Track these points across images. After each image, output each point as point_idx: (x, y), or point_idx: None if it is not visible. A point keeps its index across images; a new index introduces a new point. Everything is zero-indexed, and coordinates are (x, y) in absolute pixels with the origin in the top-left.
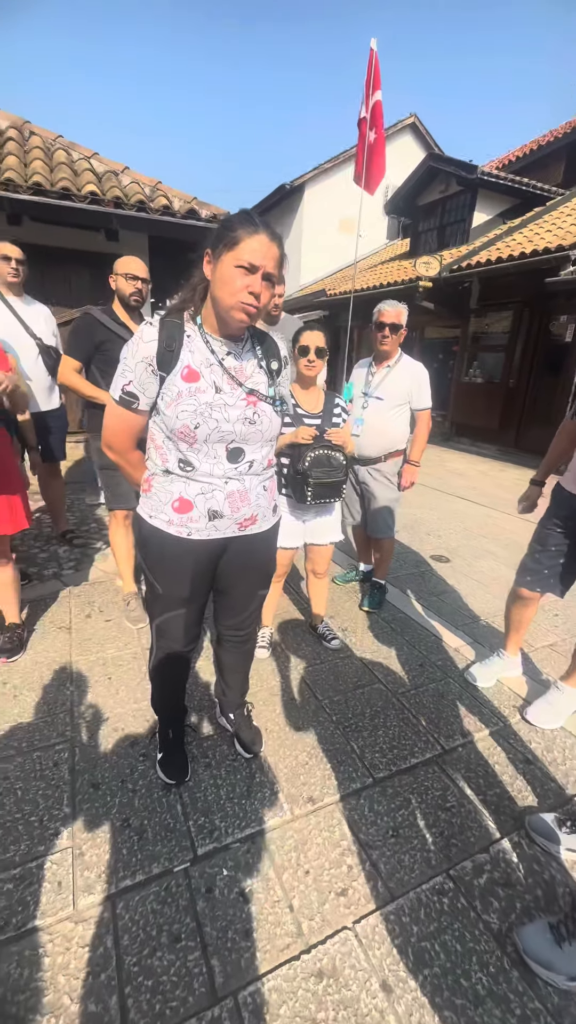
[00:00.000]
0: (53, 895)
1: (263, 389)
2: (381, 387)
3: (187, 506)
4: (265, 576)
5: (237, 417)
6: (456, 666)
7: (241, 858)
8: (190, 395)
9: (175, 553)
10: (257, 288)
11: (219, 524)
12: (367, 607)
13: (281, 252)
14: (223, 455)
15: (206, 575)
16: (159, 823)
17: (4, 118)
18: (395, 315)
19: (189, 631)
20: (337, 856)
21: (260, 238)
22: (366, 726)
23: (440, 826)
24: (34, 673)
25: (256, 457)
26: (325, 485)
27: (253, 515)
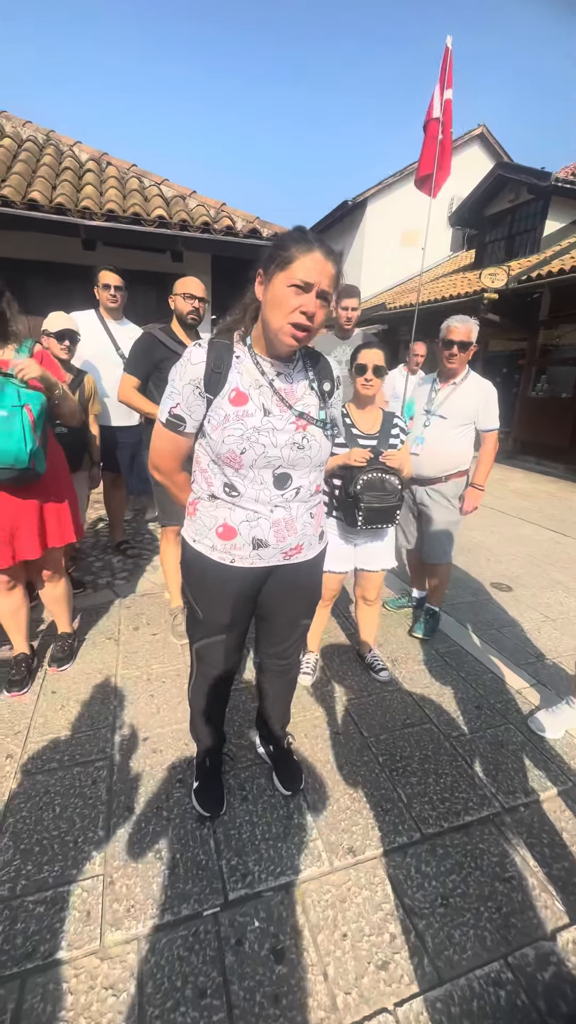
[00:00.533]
0: (81, 925)
1: (314, 412)
2: (445, 405)
3: (231, 533)
4: (309, 605)
5: (285, 442)
6: (518, 710)
7: (274, 909)
8: (237, 419)
9: (217, 579)
10: (311, 307)
11: (263, 553)
12: (419, 634)
13: (338, 269)
14: (269, 481)
15: (248, 602)
16: (191, 859)
17: (85, 151)
18: (465, 332)
19: (229, 657)
20: (379, 921)
21: (315, 256)
22: (415, 771)
23: (497, 900)
24: (81, 684)
25: (304, 483)
26: (377, 510)
27: (299, 544)
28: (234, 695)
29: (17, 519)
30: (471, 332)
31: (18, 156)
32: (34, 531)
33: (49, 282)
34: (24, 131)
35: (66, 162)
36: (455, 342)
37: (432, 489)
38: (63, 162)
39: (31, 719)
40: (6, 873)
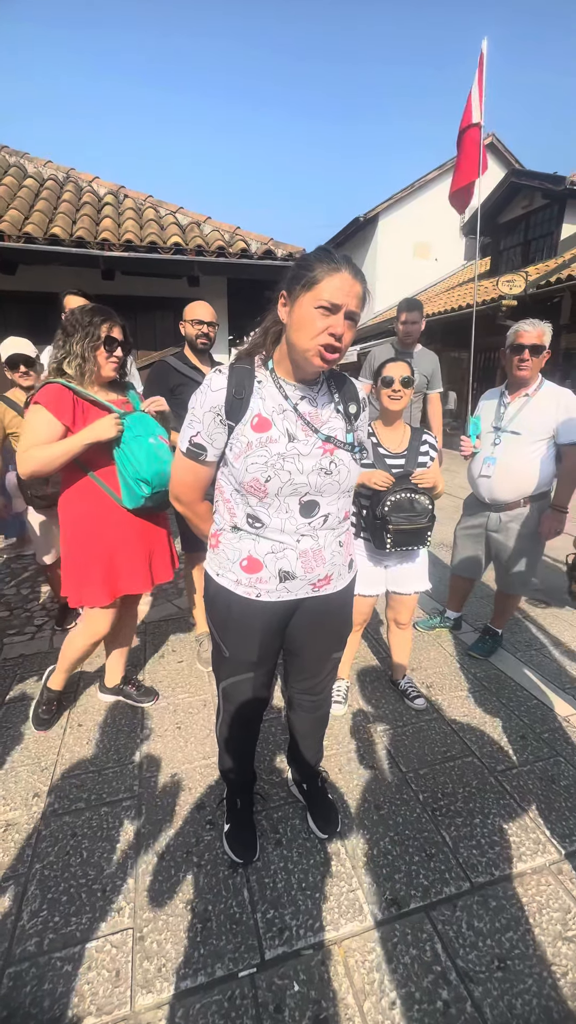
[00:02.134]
0: (110, 987)
1: (341, 435)
2: (518, 420)
3: (256, 566)
4: (340, 638)
5: (312, 468)
6: (567, 740)
7: (314, 971)
8: (260, 445)
9: (242, 615)
10: (339, 329)
11: (291, 585)
12: (477, 654)
13: (364, 289)
14: (296, 509)
15: (276, 637)
16: (224, 911)
17: (103, 186)
18: (537, 335)
19: (258, 695)
20: (430, 986)
21: (343, 276)
22: (459, 811)
23: (562, 963)
24: (107, 715)
25: (332, 510)
26: (407, 532)
27: (328, 575)
28: (264, 727)
29: (154, 544)
30: (544, 335)
31: (40, 194)
32: (165, 555)
33: None
34: (45, 171)
35: (85, 197)
36: (526, 346)
37: (508, 515)
38: (82, 197)
39: (58, 754)
40: (33, 926)
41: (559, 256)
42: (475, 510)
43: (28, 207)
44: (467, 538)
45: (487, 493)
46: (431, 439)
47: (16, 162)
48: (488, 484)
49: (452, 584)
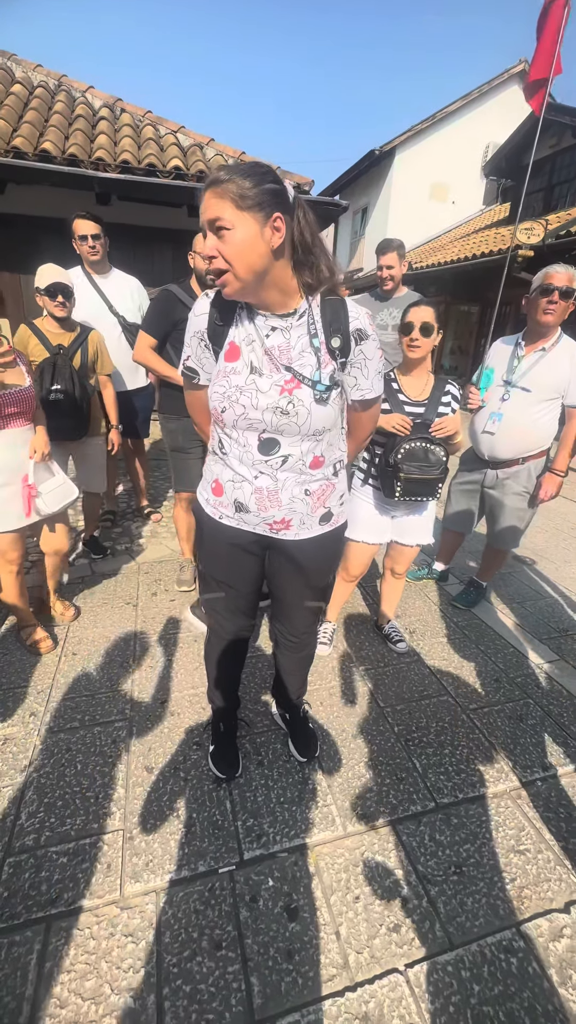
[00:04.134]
0: (102, 876)
1: (308, 373)
2: (530, 375)
3: (219, 490)
4: (315, 590)
5: (267, 405)
6: (540, 685)
7: (288, 870)
8: (223, 376)
9: (210, 532)
10: (206, 248)
11: (246, 518)
12: (461, 604)
13: (223, 186)
14: (254, 445)
15: (245, 565)
16: (207, 818)
17: (98, 97)
18: (567, 278)
19: (234, 619)
20: (391, 885)
21: (204, 195)
22: (431, 742)
23: (512, 871)
24: (101, 647)
25: (294, 452)
26: (418, 482)
27: (286, 519)
28: (251, 662)
29: None
30: (574, 280)
31: (29, 104)
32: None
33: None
34: (35, 76)
35: (79, 109)
36: (556, 288)
37: (505, 472)
38: (76, 109)
39: (53, 679)
40: (31, 824)
41: None
42: (472, 466)
43: (17, 117)
44: (461, 493)
45: (488, 450)
46: (454, 389)
47: (3, 64)
48: (490, 441)
49: (442, 538)
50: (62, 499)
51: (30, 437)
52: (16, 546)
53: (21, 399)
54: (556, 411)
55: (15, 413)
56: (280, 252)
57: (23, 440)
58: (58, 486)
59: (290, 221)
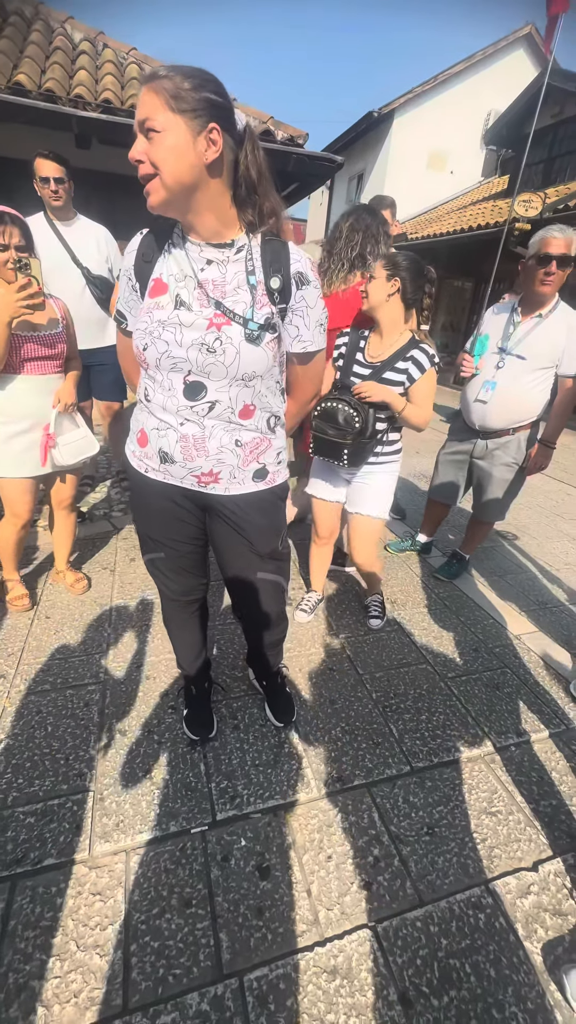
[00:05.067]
0: (71, 836)
1: (239, 309)
2: (525, 343)
3: (144, 440)
4: (263, 558)
5: (192, 341)
6: (517, 655)
7: (261, 830)
8: (147, 312)
9: (138, 487)
10: (133, 152)
11: (172, 470)
12: (443, 576)
13: (158, 91)
14: (179, 388)
15: (174, 522)
16: (181, 780)
17: (79, 29)
18: (566, 243)
19: (179, 579)
20: (363, 845)
21: (141, 90)
22: (408, 709)
23: (483, 832)
24: (76, 611)
25: (221, 398)
26: (322, 442)
27: (214, 472)
28: (229, 627)
29: None
30: (572, 244)
31: (2, 32)
32: None
33: None
34: (9, 3)
35: (57, 41)
36: (553, 256)
37: (495, 442)
38: (53, 41)
39: (25, 641)
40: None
41: None
42: (462, 436)
43: None
44: (449, 463)
45: (479, 419)
46: (421, 356)
47: None
48: (482, 410)
49: (428, 509)
50: (81, 452)
51: (58, 385)
52: (26, 497)
53: (50, 342)
54: (549, 381)
55: (43, 357)
56: (216, 170)
57: (51, 387)
58: (80, 439)
59: (234, 146)
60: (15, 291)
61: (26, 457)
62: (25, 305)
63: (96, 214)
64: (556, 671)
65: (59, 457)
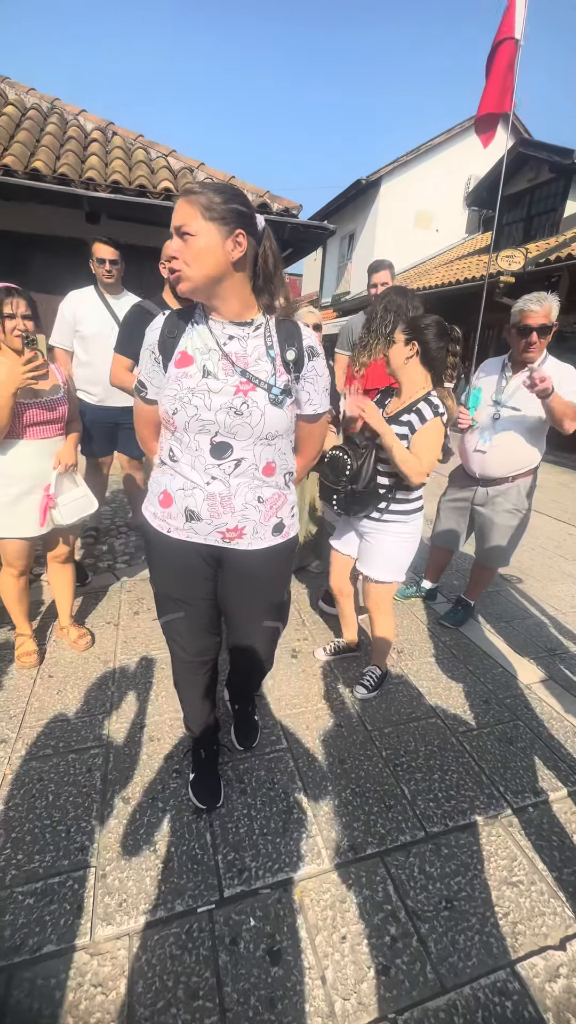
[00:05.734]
0: (71, 919)
1: (264, 376)
2: (518, 395)
3: (168, 500)
4: (270, 606)
5: (221, 405)
6: (529, 706)
7: (271, 908)
8: (175, 380)
9: (159, 548)
10: (169, 249)
11: (197, 527)
12: (449, 623)
13: (199, 200)
14: (206, 448)
15: (197, 580)
16: (186, 852)
17: (91, 120)
18: (544, 314)
19: (196, 639)
20: (379, 923)
21: (178, 202)
22: (420, 767)
23: (505, 905)
24: (79, 668)
25: (247, 456)
26: (324, 487)
27: (239, 527)
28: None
29: None
30: (551, 312)
31: (21, 124)
32: None
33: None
34: (28, 99)
35: (71, 131)
36: (533, 328)
37: (495, 490)
38: (67, 131)
39: (27, 702)
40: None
41: (561, 234)
42: (462, 483)
43: (8, 137)
44: (451, 510)
45: (479, 468)
46: (426, 408)
47: None
48: (481, 460)
49: (431, 555)
50: (81, 511)
51: (58, 447)
52: (24, 554)
53: (51, 407)
54: (544, 430)
55: (45, 421)
56: (241, 266)
57: (51, 450)
58: (79, 498)
59: (255, 244)
60: (22, 363)
61: (26, 518)
62: (30, 376)
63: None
64: (571, 723)
65: (59, 517)
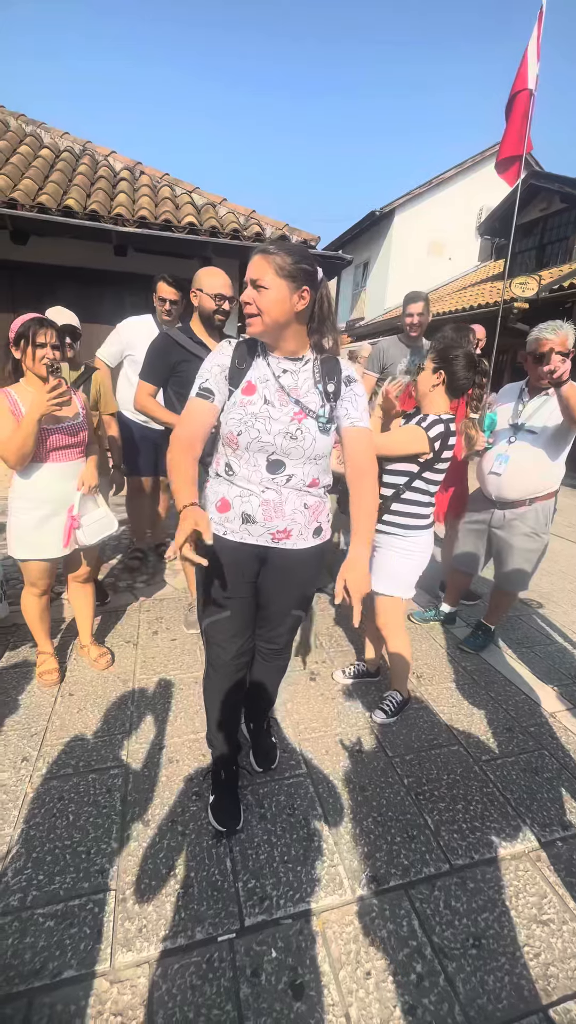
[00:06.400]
0: (91, 943)
1: (313, 407)
2: (536, 418)
3: (226, 506)
4: (302, 598)
5: (279, 431)
6: (554, 735)
7: (293, 939)
8: (241, 406)
9: (214, 551)
10: (244, 296)
11: (252, 529)
12: (469, 648)
13: (270, 261)
14: (263, 465)
15: (245, 581)
16: (206, 879)
17: (120, 161)
18: (560, 342)
19: (235, 639)
20: (405, 959)
21: (253, 258)
22: (443, 796)
23: (535, 945)
24: (99, 687)
25: (297, 472)
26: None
27: (287, 529)
28: None
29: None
30: (567, 340)
31: (55, 166)
32: None
33: (81, 286)
34: (62, 142)
35: (101, 171)
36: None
37: (512, 512)
38: (98, 171)
39: (48, 720)
40: (17, 883)
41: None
42: (480, 506)
43: (43, 177)
44: (469, 533)
45: (495, 490)
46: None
47: (32, 131)
48: (497, 482)
49: (449, 578)
50: (102, 531)
51: (80, 469)
52: (47, 575)
53: (73, 431)
54: (562, 453)
55: (67, 445)
56: (302, 316)
57: (74, 472)
58: (100, 518)
59: (314, 295)
60: (47, 391)
61: (50, 540)
62: (55, 403)
63: (132, 309)
64: None
65: (83, 537)
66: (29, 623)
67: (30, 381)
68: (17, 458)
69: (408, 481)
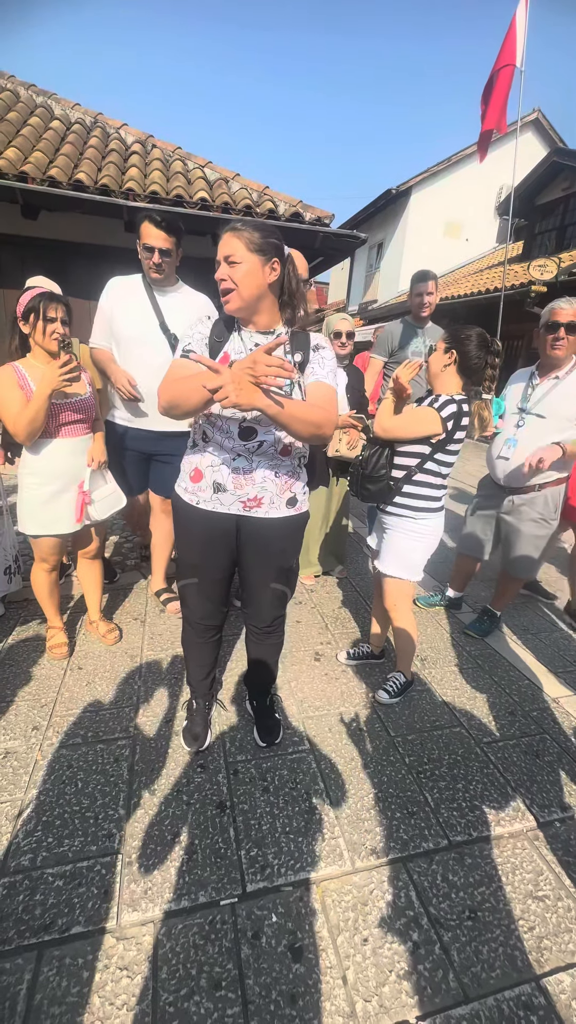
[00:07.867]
0: (99, 902)
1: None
2: (544, 402)
3: (199, 476)
4: (279, 570)
5: None
6: (556, 720)
7: (292, 906)
8: None
9: (186, 519)
10: (219, 273)
11: (223, 498)
12: (474, 633)
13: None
14: (235, 432)
15: (218, 549)
16: (210, 846)
17: (131, 134)
18: (573, 312)
19: (204, 605)
20: (402, 927)
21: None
22: (443, 776)
23: (530, 919)
24: (107, 662)
25: (268, 439)
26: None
27: (258, 497)
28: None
29: None
30: None
31: (66, 138)
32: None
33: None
34: (72, 113)
35: (112, 144)
36: (562, 324)
37: (521, 498)
38: (109, 144)
39: (58, 692)
40: (28, 844)
41: None
42: (489, 491)
43: (54, 150)
44: (478, 518)
45: (503, 475)
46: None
47: (43, 103)
48: (505, 466)
49: (457, 563)
50: (111, 507)
51: (89, 445)
52: (57, 550)
53: (82, 407)
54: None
55: (76, 421)
56: (274, 288)
57: (83, 448)
58: (109, 494)
59: (283, 268)
60: (58, 367)
61: (62, 514)
62: (66, 379)
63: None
64: None
65: (94, 513)
66: (39, 598)
67: (37, 356)
68: (27, 433)
69: (420, 462)
